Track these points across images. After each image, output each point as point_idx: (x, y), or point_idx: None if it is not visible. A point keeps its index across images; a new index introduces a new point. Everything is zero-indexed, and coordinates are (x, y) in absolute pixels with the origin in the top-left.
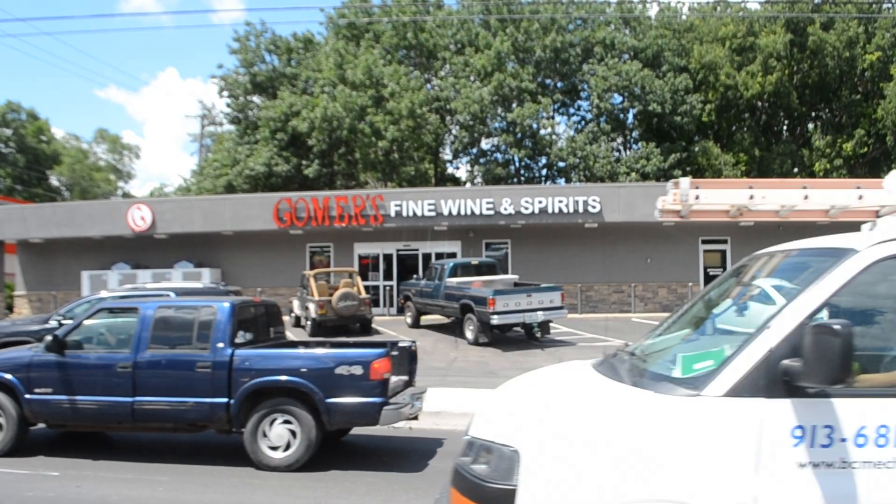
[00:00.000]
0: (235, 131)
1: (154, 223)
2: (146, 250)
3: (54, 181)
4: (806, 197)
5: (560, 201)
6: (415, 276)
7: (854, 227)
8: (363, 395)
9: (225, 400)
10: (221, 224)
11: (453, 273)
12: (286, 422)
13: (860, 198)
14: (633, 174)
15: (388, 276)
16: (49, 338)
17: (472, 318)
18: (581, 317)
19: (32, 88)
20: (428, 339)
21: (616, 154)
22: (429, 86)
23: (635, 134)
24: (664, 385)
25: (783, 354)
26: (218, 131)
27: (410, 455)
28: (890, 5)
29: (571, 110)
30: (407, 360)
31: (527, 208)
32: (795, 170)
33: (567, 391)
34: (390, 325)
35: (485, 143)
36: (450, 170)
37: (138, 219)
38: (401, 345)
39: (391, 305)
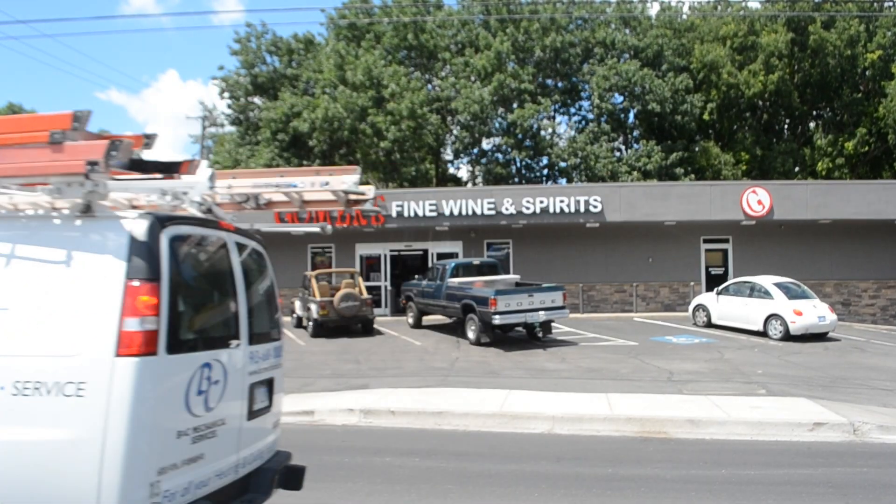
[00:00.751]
0: (236, 132)
1: None
2: None
3: None
4: None
5: (561, 201)
6: (416, 276)
7: None
8: None
9: None
10: None
11: (455, 273)
12: None
13: None
14: (635, 173)
15: (391, 277)
16: None
17: (473, 319)
18: (583, 316)
19: (33, 90)
20: (430, 340)
21: (617, 154)
22: (429, 86)
23: (636, 133)
24: None
25: None
26: (219, 132)
27: (411, 455)
28: (891, 4)
29: (572, 110)
30: None
31: (528, 208)
32: (797, 169)
33: None
34: (392, 326)
35: (486, 144)
36: (451, 170)
37: None
38: None
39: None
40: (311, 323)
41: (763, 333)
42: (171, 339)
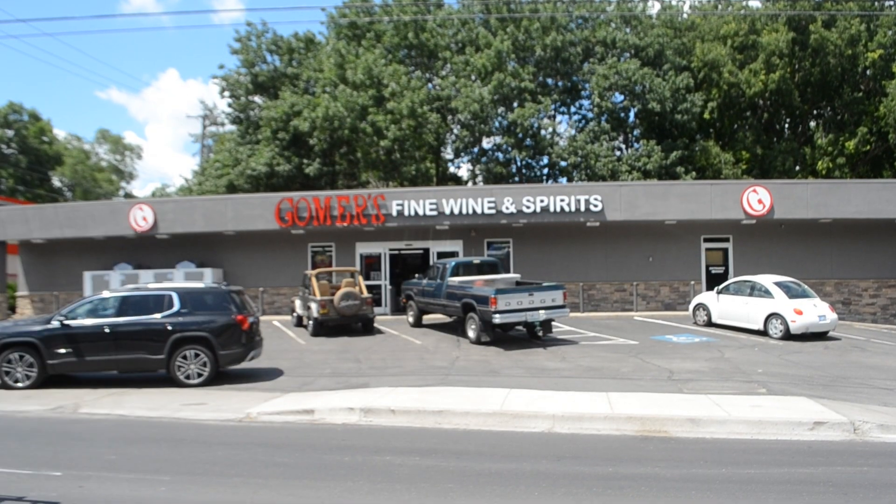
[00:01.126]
0: (237, 131)
1: (156, 223)
2: (148, 251)
3: (56, 182)
4: None
5: (562, 200)
6: (416, 275)
7: None
8: None
9: None
10: (223, 224)
11: (455, 272)
12: None
13: None
14: (635, 172)
15: (391, 276)
16: None
17: (473, 318)
18: (583, 315)
19: (34, 89)
20: (430, 339)
21: (617, 153)
22: (430, 85)
23: (636, 133)
24: None
25: None
26: (219, 131)
27: (411, 454)
28: (892, 3)
29: (572, 109)
30: None
31: (528, 207)
32: (797, 168)
33: None
34: (392, 325)
35: (486, 143)
36: (451, 169)
37: (140, 219)
38: None
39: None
40: (311, 322)
41: (763, 332)
42: None
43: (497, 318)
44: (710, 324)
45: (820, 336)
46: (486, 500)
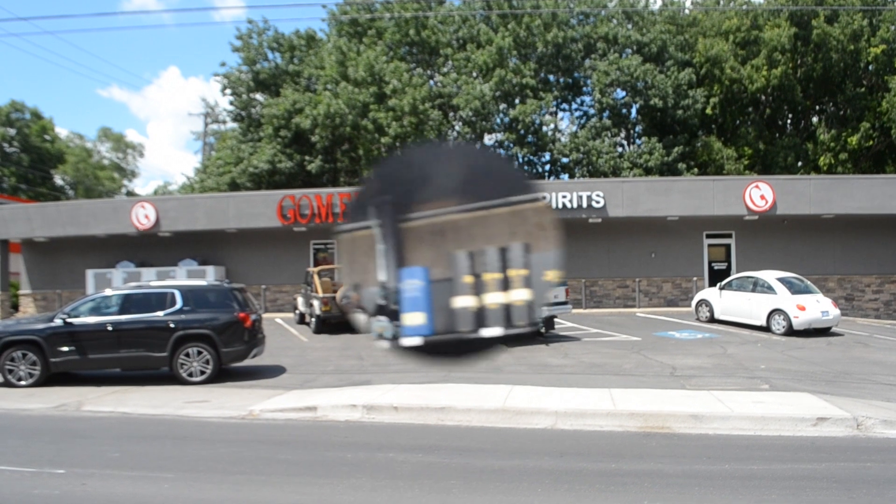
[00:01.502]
0: (238, 129)
1: (158, 221)
2: (150, 248)
3: (58, 180)
4: None
5: (563, 197)
6: None
7: None
8: None
9: None
10: (225, 222)
11: None
12: None
13: None
14: (637, 169)
15: None
16: None
17: None
18: (585, 312)
19: (36, 88)
20: None
21: (619, 149)
22: (431, 82)
23: (638, 129)
24: None
25: None
26: (221, 129)
27: (414, 451)
28: None
29: (574, 106)
30: None
31: None
32: (800, 164)
33: None
34: None
35: (488, 139)
36: None
37: (142, 217)
38: None
39: None
40: (313, 319)
41: (766, 328)
42: None
43: None
44: (712, 320)
45: (823, 332)
46: (489, 496)
